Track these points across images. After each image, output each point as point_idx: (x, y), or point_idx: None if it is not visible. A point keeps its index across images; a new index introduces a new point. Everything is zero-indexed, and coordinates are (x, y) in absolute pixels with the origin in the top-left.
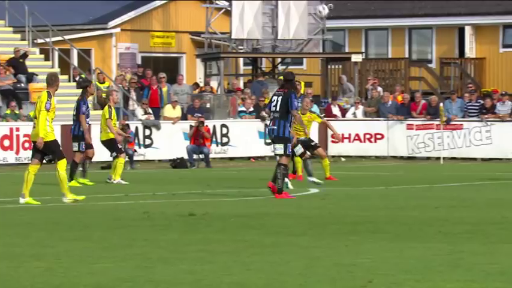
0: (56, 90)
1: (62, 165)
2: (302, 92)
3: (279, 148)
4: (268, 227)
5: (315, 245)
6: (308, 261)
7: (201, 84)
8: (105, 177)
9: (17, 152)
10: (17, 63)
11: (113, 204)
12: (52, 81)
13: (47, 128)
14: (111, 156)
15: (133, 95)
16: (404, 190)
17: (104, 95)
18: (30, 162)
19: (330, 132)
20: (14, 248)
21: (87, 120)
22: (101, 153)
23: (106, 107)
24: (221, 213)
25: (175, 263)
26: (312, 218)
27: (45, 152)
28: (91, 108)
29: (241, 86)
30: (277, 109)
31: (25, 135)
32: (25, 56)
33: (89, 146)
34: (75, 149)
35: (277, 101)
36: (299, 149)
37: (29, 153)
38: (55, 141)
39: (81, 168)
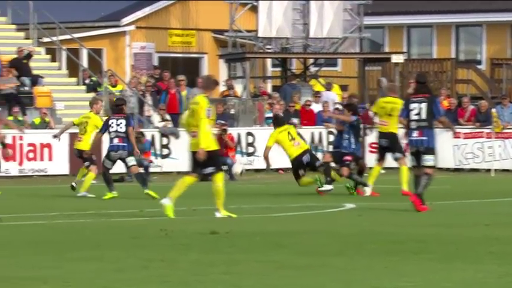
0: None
1: (221, 177)
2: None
3: (430, 159)
4: (299, 247)
5: (351, 267)
6: (344, 284)
7: (224, 88)
8: (119, 191)
9: (21, 163)
10: (20, 65)
11: (127, 221)
12: (212, 84)
13: (210, 137)
14: (84, 165)
15: (149, 99)
16: (451, 205)
17: (115, 99)
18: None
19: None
20: (17, 269)
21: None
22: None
23: (98, 117)
24: (246, 231)
25: (196, 286)
26: (348, 236)
27: (205, 162)
28: (103, 115)
29: (269, 89)
30: (423, 117)
31: (29, 145)
32: (29, 56)
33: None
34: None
35: (420, 108)
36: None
37: (34, 164)
38: (218, 151)
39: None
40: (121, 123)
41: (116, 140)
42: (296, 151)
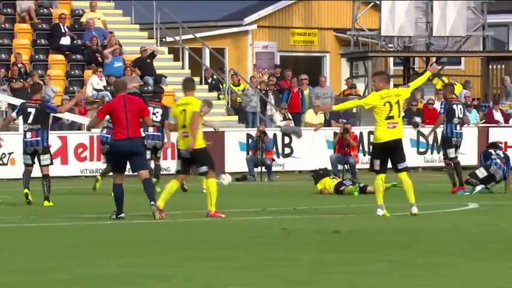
0: None
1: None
2: (457, 93)
3: None
4: (421, 246)
5: (474, 266)
6: (466, 284)
7: (345, 87)
8: (241, 190)
9: None
10: (143, 64)
11: (249, 219)
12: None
13: None
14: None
15: (271, 98)
16: None
17: (238, 99)
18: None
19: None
20: (140, 267)
21: None
22: (236, 164)
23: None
24: (368, 230)
25: (317, 285)
26: (471, 235)
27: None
28: (225, 113)
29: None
30: None
31: None
32: (153, 55)
33: None
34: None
35: None
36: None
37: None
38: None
39: None
40: (157, 112)
41: (150, 129)
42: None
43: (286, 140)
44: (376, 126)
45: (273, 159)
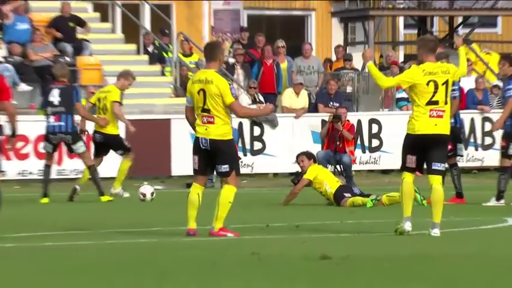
0: None
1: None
2: (493, 67)
3: None
4: (437, 276)
5: None
6: None
7: (334, 58)
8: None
9: (60, 162)
10: (64, 27)
11: (205, 240)
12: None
13: None
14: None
15: (239, 73)
16: None
17: (190, 74)
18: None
19: None
20: None
21: None
22: (185, 165)
23: (118, 90)
24: (369, 256)
25: None
26: (505, 260)
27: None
28: (171, 95)
29: (401, 59)
30: None
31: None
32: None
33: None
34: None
35: None
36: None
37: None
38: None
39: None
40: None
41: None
42: None
43: (257, 131)
44: (413, 113)
45: (239, 158)
